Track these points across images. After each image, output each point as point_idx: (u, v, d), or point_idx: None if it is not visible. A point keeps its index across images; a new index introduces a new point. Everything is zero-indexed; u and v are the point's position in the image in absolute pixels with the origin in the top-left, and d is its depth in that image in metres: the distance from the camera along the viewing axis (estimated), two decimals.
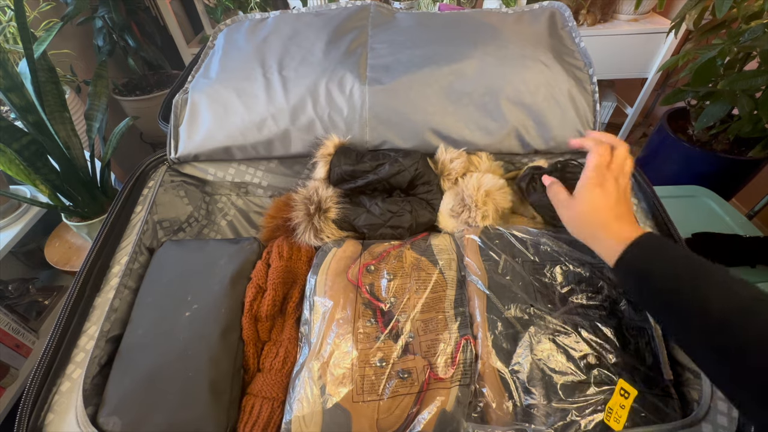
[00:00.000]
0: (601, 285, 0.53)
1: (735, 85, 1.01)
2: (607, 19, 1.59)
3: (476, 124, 0.68)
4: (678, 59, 1.17)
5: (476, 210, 0.61)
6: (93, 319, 0.51)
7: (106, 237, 0.58)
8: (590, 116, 0.70)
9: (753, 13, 1.06)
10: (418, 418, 0.44)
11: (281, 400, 0.48)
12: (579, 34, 0.76)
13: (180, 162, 0.72)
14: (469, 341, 0.49)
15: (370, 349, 0.48)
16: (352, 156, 0.66)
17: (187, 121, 0.71)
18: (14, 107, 0.78)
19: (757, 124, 1.11)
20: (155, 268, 0.58)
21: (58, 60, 1.38)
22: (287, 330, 0.54)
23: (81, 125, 1.21)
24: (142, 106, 1.68)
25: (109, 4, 1.43)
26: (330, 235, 0.62)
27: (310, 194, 0.63)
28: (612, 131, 1.94)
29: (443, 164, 0.68)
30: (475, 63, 0.69)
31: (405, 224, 0.63)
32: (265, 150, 0.70)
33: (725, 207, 1.07)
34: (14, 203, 1.04)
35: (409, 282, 0.54)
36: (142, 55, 1.61)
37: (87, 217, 0.99)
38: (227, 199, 0.76)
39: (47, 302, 1.17)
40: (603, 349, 0.48)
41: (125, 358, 0.48)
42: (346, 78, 0.68)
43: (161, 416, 0.43)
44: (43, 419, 0.43)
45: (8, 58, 0.75)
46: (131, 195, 0.66)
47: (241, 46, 0.77)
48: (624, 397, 0.44)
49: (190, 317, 0.51)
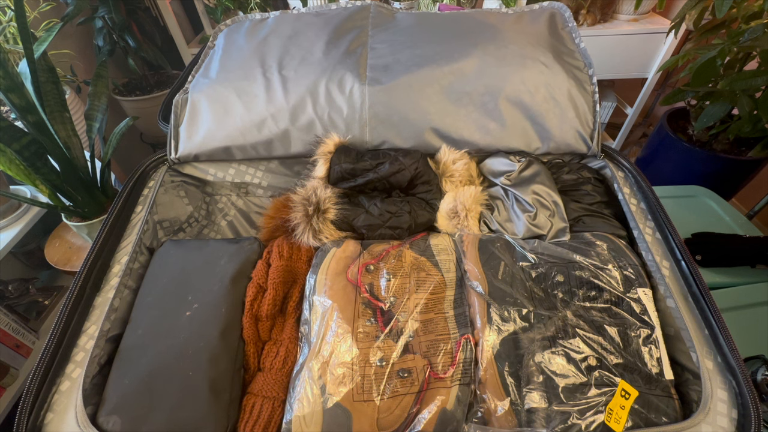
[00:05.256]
0: (601, 288, 0.53)
1: (735, 85, 1.01)
2: (607, 19, 1.59)
3: (476, 124, 0.68)
4: (678, 59, 1.17)
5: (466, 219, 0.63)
6: (93, 319, 0.51)
7: (106, 237, 0.58)
8: (590, 116, 0.70)
9: (753, 13, 1.06)
10: (419, 417, 0.44)
11: (282, 399, 0.48)
12: (579, 34, 0.76)
13: (180, 162, 0.72)
14: (469, 340, 0.49)
15: (370, 348, 0.48)
16: (352, 154, 0.66)
17: (187, 121, 0.71)
18: (14, 107, 0.78)
19: (757, 124, 1.11)
20: (155, 268, 0.58)
21: (58, 60, 1.38)
22: (287, 329, 0.54)
23: (81, 125, 1.21)
24: (142, 106, 1.68)
25: (109, 4, 1.43)
26: (329, 235, 0.62)
27: (309, 195, 0.63)
28: (612, 131, 1.94)
29: (445, 165, 0.68)
30: (474, 63, 0.69)
31: (404, 225, 0.63)
32: (265, 150, 0.70)
33: (725, 207, 1.07)
34: (14, 203, 1.04)
35: (408, 282, 0.54)
36: (142, 55, 1.61)
37: (87, 217, 0.98)
38: (227, 200, 0.76)
39: (47, 302, 1.17)
40: (604, 351, 0.48)
41: (125, 358, 0.48)
42: (346, 78, 0.68)
43: (161, 415, 0.43)
44: (43, 418, 0.43)
45: (8, 58, 0.75)
46: (131, 195, 0.66)
47: (241, 46, 0.77)
48: (625, 398, 0.44)
49: (190, 317, 0.51)
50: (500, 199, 0.67)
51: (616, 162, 0.71)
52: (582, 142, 0.70)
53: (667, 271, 0.55)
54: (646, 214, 0.63)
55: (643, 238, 0.59)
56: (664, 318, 0.53)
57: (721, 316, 0.48)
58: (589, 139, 0.70)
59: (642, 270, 0.56)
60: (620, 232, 0.62)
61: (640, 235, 0.60)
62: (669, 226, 0.58)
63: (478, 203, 0.65)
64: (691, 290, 0.52)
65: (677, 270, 0.55)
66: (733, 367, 0.45)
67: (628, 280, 0.54)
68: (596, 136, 0.70)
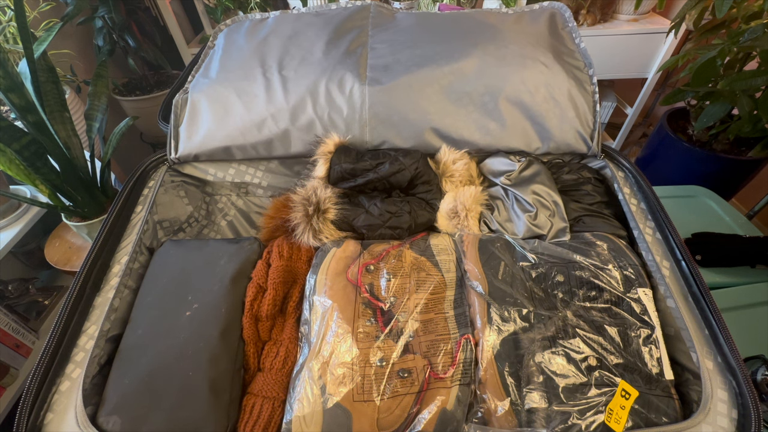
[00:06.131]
0: (601, 288, 0.53)
1: (735, 85, 1.01)
2: (607, 19, 1.59)
3: (476, 124, 0.68)
4: (678, 59, 1.17)
5: (467, 219, 0.63)
6: (93, 319, 0.51)
7: (106, 237, 0.58)
8: (590, 116, 0.70)
9: (753, 13, 1.06)
10: (419, 417, 0.44)
11: (282, 399, 0.48)
12: (579, 34, 0.76)
13: (180, 162, 0.72)
14: (469, 340, 0.49)
15: (370, 348, 0.48)
16: (352, 154, 0.66)
17: (187, 121, 0.71)
18: (14, 107, 0.78)
19: (757, 124, 1.11)
20: (155, 268, 0.58)
21: (58, 60, 1.38)
22: (287, 329, 0.54)
23: (81, 125, 1.21)
24: (142, 106, 1.68)
25: (109, 4, 1.43)
26: (329, 235, 0.62)
27: (309, 195, 0.63)
28: (612, 131, 1.94)
29: (445, 165, 0.68)
30: (474, 63, 0.69)
31: (404, 225, 0.63)
32: (265, 150, 0.70)
33: (725, 207, 1.07)
34: (14, 203, 1.04)
35: (409, 282, 0.54)
36: (142, 55, 1.61)
37: (87, 217, 0.98)
38: (227, 200, 0.76)
39: (47, 302, 1.17)
40: (604, 351, 0.48)
41: (125, 358, 0.48)
42: (346, 78, 0.68)
43: (161, 415, 0.43)
44: (43, 418, 0.43)
45: (8, 58, 0.75)
46: (131, 195, 0.66)
47: (241, 46, 0.77)
48: (625, 398, 0.44)
49: (190, 317, 0.51)
50: (500, 199, 0.67)
51: (616, 162, 0.71)
52: (582, 142, 0.70)
53: (667, 271, 0.55)
54: (646, 214, 0.63)
55: (643, 238, 0.59)
56: (664, 318, 0.53)
57: (721, 316, 0.48)
58: (589, 139, 0.70)
59: (642, 270, 0.56)
60: (620, 232, 0.62)
61: (640, 235, 0.60)
62: (669, 226, 0.58)
63: (478, 203, 0.65)
64: (691, 290, 0.52)
65: (677, 270, 0.55)
66: (733, 367, 0.45)
67: (629, 280, 0.54)
68: (596, 136, 0.70)
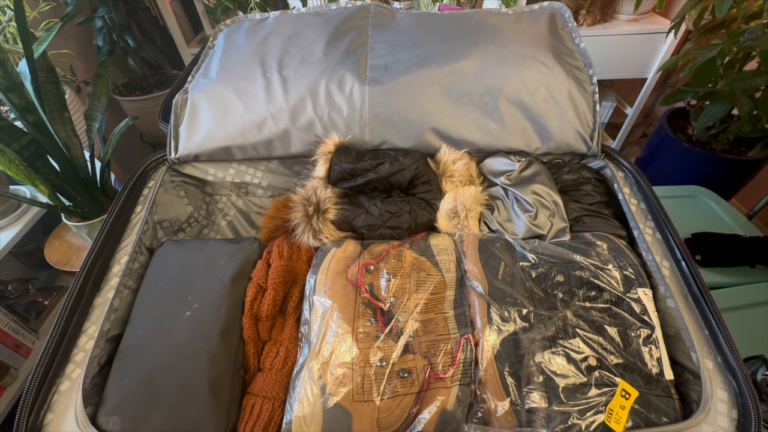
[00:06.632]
0: (601, 288, 0.53)
1: (735, 85, 1.01)
2: (607, 19, 1.59)
3: (476, 124, 0.68)
4: (678, 59, 1.17)
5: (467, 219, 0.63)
6: (93, 319, 0.51)
7: (106, 237, 0.58)
8: (590, 116, 0.70)
9: (753, 13, 1.06)
10: (419, 417, 0.44)
11: (282, 399, 0.48)
12: (579, 34, 0.76)
13: (180, 162, 0.72)
14: (469, 340, 0.49)
15: (370, 348, 0.48)
16: (352, 154, 0.66)
17: (187, 121, 0.71)
18: (14, 107, 0.78)
19: (756, 124, 1.11)
20: (155, 268, 0.58)
21: (58, 60, 1.38)
22: (287, 330, 0.54)
23: (81, 125, 1.21)
24: (142, 106, 1.68)
25: (109, 4, 1.43)
26: (329, 235, 0.62)
27: (309, 195, 0.63)
28: (612, 131, 1.94)
29: (445, 165, 0.68)
30: (474, 63, 0.69)
31: (404, 225, 0.63)
32: (265, 150, 0.70)
33: (725, 207, 1.07)
34: (14, 203, 1.04)
35: (409, 282, 0.54)
36: (142, 55, 1.61)
37: (87, 217, 0.98)
38: (227, 200, 0.76)
39: (47, 302, 1.17)
40: (604, 351, 0.48)
41: (125, 358, 0.48)
42: (346, 78, 0.68)
43: (161, 415, 0.43)
44: (43, 419, 0.43)
45: (8, 58, 0.75)
46: (131, 195, 0.66)
47: (241, 46, 0.77)
48: (625, 398, 0.44)
49: (190, 317, 0.51)
50: (500, 199, 0.67)
51: (616, 162, 0.71)
52: (582, 142, 0.70)
53: (667, 271, 0.55)
54: (646, 214, 0.63)
55: (643, 238, 0.59)
56: (664, 318, 0.53)
57: (721, 316, 0.48)
58: (589, 139, 0.70)
59: (642, 270, 0.56)
60: (620, 232, 0.62)
61: (640, 235, 0.60)
62: (669, 226, 0.58)
63: (478, 203, 0.65)
64: (691, 290, 0.52)
65: (677, 270, 0.55)
66: (733, 367, 0.45)
67: (628, 280, 0.54)
68: (596, 136, 0.70)
